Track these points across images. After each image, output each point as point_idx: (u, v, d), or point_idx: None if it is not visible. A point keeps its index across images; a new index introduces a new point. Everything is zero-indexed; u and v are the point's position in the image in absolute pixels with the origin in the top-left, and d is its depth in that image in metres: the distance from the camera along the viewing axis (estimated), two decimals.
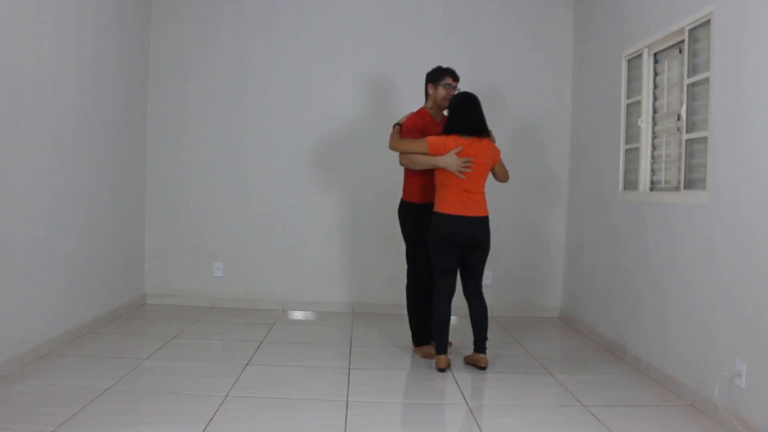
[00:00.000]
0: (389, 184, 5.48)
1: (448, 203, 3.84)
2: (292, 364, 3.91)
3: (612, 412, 3.21)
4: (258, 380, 3.54)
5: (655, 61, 4.11)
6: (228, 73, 5.51)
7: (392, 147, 4.05)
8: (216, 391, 3.28)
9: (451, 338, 4.55)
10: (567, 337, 4.94)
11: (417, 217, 4.13)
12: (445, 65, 4.30)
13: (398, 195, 5.67)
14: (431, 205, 4.03)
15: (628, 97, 4.41)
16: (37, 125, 3.68)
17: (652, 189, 4.13)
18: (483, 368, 3.88)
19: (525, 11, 5.56)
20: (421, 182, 4.11)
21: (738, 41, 3.10)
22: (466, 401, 3.35)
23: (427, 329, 4.21)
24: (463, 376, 3.79)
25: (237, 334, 4.61)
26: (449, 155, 3.79)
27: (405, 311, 5.31)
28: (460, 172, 3.80)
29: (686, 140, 3.63)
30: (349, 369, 3.81)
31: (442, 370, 3.83)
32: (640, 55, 4.21)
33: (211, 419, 2.90)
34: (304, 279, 5.55)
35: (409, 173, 4.19)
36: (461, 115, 3.89)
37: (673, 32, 3.75)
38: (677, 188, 3.76)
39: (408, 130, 4.07)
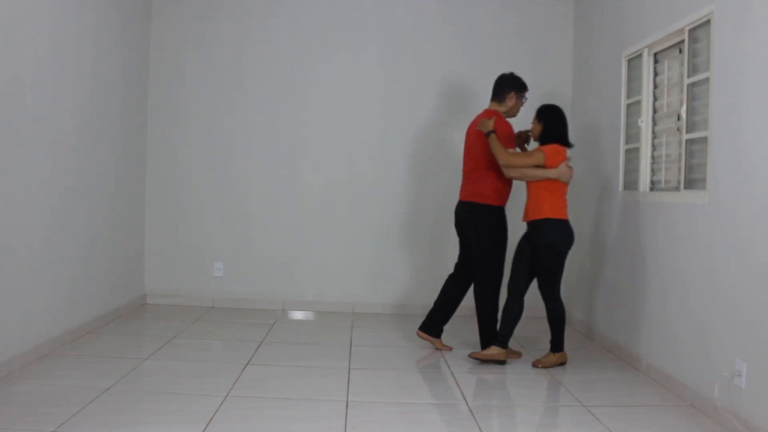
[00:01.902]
0: (389, 184, 5.49)
1: (565, 210, 3.94)
2: (292, 364, 3.91)
3: (612, 412, 3.21)
4: (258, 380, 3.54)
5: (655, 61, 4.11)
6: (228, 72, 5.50)
7: (507, 164, 3.89)
8: (216, 391, 3.28)
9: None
10: (567, 337, 4.91)
11: (500, 220, 4.15)
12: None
13: (399, 195, 5.66)
14: (503, 208, 4.14)
15: (628, 97, 4.41)
16: (37, 125, 3.68)
17: (652, 189, 4.12)
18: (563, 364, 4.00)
19: (525, 11, 5.55)
20: (495, 184, 4.10)
21: (738, 41, 3.10)
22: (466, 401, 3.35)
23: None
24: (463, 376, 3.79)
25: (237, 334, 4.61)
26: (563, 166, 3.86)
27: (404, 312, 5.35)
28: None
29: (686, 140, 3.63)
30: (349, 369, 3.81)
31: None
32: (640, 55, 4.21)
33: (211, 419, 2.90)
34: (303, 279, 5.54)
35: (482, 174, 4.11)
36: (561, 128, 3.98)
37: (673, 32, 3.75)
38: (677, 188, 3.76)
39: (505, 136, 4.04)
